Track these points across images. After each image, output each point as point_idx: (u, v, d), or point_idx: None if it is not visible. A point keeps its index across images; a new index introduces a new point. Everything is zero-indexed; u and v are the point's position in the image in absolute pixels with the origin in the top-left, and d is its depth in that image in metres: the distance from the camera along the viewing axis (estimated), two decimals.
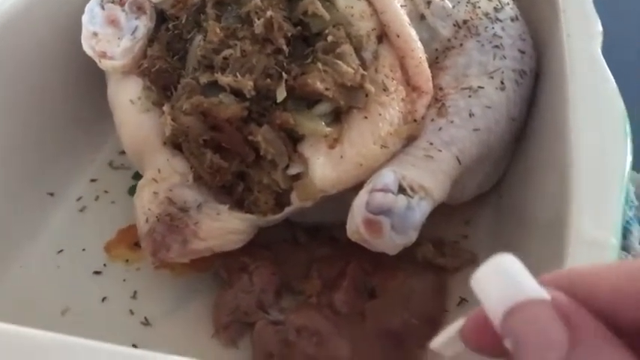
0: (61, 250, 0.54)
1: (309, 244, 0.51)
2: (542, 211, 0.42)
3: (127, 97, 0.48)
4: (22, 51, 0.54)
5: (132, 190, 0.58)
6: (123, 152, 0.61)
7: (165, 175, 0.47)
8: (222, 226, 0.45)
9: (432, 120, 0.46)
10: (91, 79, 0.60)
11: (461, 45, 0.49)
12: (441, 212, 0.44)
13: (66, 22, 0.58)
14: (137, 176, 0.59)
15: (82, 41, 0.49)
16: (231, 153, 0.45)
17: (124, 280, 0.51)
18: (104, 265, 0.52)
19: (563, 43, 0.45)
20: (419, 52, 0.46)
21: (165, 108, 0.45)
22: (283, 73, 0.43)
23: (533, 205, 0.44)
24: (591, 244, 0.31)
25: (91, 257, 0.53)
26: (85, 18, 0.50)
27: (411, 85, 0.46)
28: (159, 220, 0.45)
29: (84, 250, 0.53)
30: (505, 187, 0.53)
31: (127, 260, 0.52)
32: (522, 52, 0.50)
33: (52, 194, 0.57)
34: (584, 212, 0.33)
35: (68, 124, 0.60)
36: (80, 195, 0.58)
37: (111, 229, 0.55)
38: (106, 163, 0.61)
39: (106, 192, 0.58)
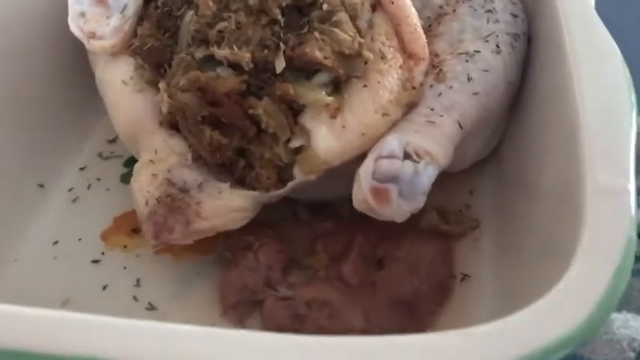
0: (56, 242, 0.52)
1: (310, 221, 0.50)
2: (547, 172, 0.41)
3: (119, 77, 0.47)
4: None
5: (124, 178, 0.57)
6: (111, 141, 0.61)
7: (163, 156, 0.45)
8: (225, 205, 0.44)
9: (431, 86, 0.45)
10: (72, 67, 0.59)
11: (454, 11, 0.49)
12: (443, 183, 0.44)
13: (45, 11, 0.57)
14: (129, 163, 0.58)
15: (70, 22, 0.48)
16: (231, 129, 0.44)
17: (125, 268, 0.50)
18: (102, 253, 0.51)
19: (557, 6, 0.45)
20: (414, 19, 0.45)
21: (161, 85, 0.44)
22: (281, 44, 0.42)
23: (536, 168, 0.44)
24: (610, 194, 0.31)
25: (88, 246, 0.52)
26: None
27: (407, 53, 0.45)
28: (159, 202, 0.44)
29: (80, 239, 0.52)
30: (503, 152, 0.53)
31: (126, 247, 0.51)
32: (515, 15, 0.50)
33: (42, 186, 0.56)
34: (598, 166, 0.33)
35: (52, 114, 0.58)
36: (71, 185, 0.57)
37: (105, 218, 0.53)
38: (95, 153, 0.60)
39: (98, 180, 0.57)
